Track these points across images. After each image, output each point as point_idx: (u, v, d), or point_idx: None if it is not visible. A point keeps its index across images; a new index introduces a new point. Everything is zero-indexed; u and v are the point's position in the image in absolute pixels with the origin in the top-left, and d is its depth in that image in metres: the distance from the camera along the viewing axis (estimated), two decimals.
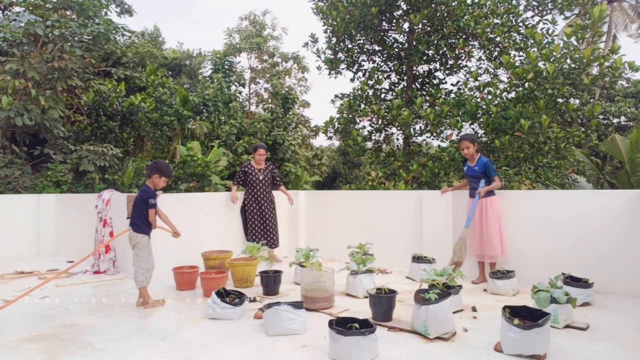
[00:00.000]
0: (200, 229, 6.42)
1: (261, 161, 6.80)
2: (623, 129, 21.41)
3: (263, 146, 6.85)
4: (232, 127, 17.09)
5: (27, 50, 9.82)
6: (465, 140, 5.54)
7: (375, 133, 11.32)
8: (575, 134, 8.89)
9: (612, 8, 24.06)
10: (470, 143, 5.50)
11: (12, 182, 9.48)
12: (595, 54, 7.45)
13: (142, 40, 20.76)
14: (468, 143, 5.50)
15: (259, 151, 6.78)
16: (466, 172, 5.68)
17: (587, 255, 5.02)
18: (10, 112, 8.87)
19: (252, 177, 6.71)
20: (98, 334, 3.73)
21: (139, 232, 4.53)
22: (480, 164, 5.48)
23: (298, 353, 3.26)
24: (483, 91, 9.48)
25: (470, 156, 5.55)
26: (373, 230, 6.73)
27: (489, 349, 3.28)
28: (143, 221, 4.53)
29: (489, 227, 5.30)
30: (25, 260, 7.52)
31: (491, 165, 5.44)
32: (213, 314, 4.08)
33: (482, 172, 5.44)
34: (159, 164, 4.65)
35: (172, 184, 12.59)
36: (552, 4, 10.14)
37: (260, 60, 22.66)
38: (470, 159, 5.57)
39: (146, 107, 12.94)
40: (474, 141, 5.53)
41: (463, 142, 5.54)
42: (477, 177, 5.47)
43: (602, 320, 3.96)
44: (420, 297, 3.55)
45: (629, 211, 4.87)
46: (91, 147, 10.36)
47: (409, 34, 11.01)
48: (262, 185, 6.73)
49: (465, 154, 5.56)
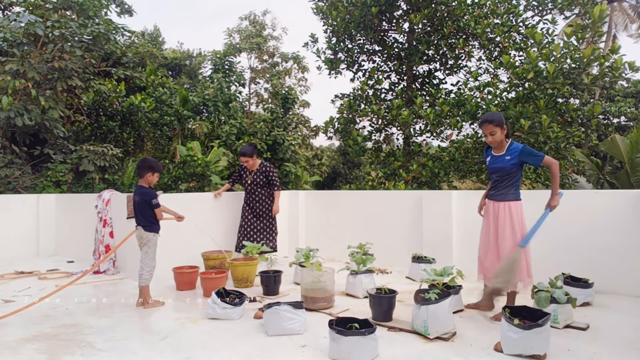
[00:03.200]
0: (199, 230, 6.41)
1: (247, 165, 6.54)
2: (623, 129, 21.40)
3: (243, 152, 6.41)
4: (232, 127, 17.09)
5: (27, 50, 9.82)
6: (488, 124, 3.98)
7: (375, 133, 11.33)
8: (575, 134, 8.89)
9: (612, 8, 24.06)
10: (495, 127, 3.97)
11: (12, 182, 9.48)
12: (595, 54, 7.45)
13: (142, 40, 20.76)
14: (493, 127, 3.98)
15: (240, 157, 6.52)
16: (490, 165, 4.14)
17: (587, 255, 5.02)
18: (10, 112, 8.88)
19: (244, 179, 6.68)
20: (98, 334, 3.73)
21: (150, 230, 4.55)
22: (513, 152, 3.96)
23: (298, 353, 3.26)
24: (483, 91, 9.49)
25: (498, 143, 4.06)
26: (373, 230, 6.73)
27: (489, 349, 3.28)
28: (151, 220, 4.55)
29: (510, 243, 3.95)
30: (25, 260, 7.52)
31: (531, 149, 3.97)
32: (213, 314, 4.08)
33: (517, 164, 3.95)
34: (149, 161, 4.63)
35: (172, 184, 12.60)
36: (552, 4, 10.14)
37: (260, 60, 22.66)
38: (498, 147, 4.09)
39: (146, 107, 12.95)
40: (501, 123, 3.98)
41: (486, 126, 4.00)
42: (507, 171, 3.99)
43: (602, 320, 3.96)
44: (420, 297, 3.55)
45: (629, 211, 4.87)
46: (91, 147, 10.37)
47: (409, 34, 11.01)
48: (249, 188, 6.55)
49: (490, 142, 4.07)
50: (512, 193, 4.02)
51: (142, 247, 4.60)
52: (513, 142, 4.05)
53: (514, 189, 4.03)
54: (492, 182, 4.16)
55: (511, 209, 3.98)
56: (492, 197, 4.14)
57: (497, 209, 4.04)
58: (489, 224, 4.13)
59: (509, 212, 3.98)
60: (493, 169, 4.09)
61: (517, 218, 3.97)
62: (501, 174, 4.02)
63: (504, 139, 4.04)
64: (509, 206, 3.99)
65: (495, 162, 4.08)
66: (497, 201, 4.06)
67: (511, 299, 4.03)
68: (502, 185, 4.04)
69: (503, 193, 4.03)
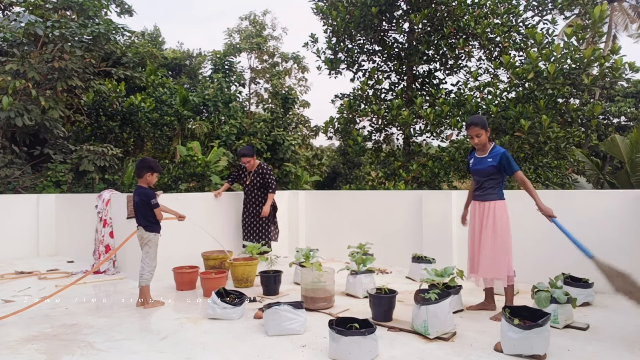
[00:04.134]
0: (200, 229, 6.41)
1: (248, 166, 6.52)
2: (623, 129, 21.39)
3: (244, 153, 6.41)
4: (232, 127, 17.08)
5: (27, 50, 9.83)
6: (474, 126, 4.12)
7: (375, 133, 11.33)
8: (575, 134, 8.89)
9: (612, 8, 24.05)
10: (481, 129, 4.10)
11: (12, 182, 9.48)
12: (595, 54, 7.45)
13: (142, 40, 20.76)
14: (479, 129, 4.10)
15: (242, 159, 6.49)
16: (473, 166, 4.26)
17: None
18: (10, 113, 8.88)
19: (242, 180, 6.68)
20: (98, 334, 3.73)
21: (151, 230, 4.56)
22: (495, 155, 4.10)
23: (298, 353, 3.26)
24: (483, 91, 9.49)
25: (482, 146, 4.18)
26: (373, 230, 6.73)
27: (489, 349, 3.28)
28: (151, 220, 4.56)
29: (502, 241, 4.03)
30: (25, 260, 7.52)
31: (510, 157, 4.10)
32: (213, 314, 4.08)
33: (496, 167, 4.08)
34: (148, 161, 4.63)
35: (172, 184, 12.60)
36: (552, 4, 10.14)
37: (260, 60, 22.65)
38: (481, 149, 4.21)
39: (146, 107, 12.95)
40: (485, 126, 4.11)
41: (472, 129, 4.12)
42: (489, 173, 4.12)
43: (602, 320, 3.96)
44: (420, 297, 3.55)
45: (629, 211, 4.87)
46: (91, 147, 10.37)
47: (409, 34, 11.01)
48: (247, 189, 6.58)
49: (476, 144, 4.19)
50: (496, 193, 4.14)
51: (143, 247, 4.60)
52: (496, 145, 4.19)
53: (497, 189, 4.15)
54: (476, 183, 4.28)
55: (495, 208, 4.09)
56: (476, 197, 4.26)
57: (482, 209, 4.16)
58: (474, 223, 4.24)
59: (492, 212, 4.09)
60: (475, 171, 4.22)
61: (500, 217, 4.07)
62: (483, 174, 4.16)
63: (487, 141, 4.18)
64: (493, 206, 4.10)
65: (478, 163, 4.21)
66: (482, 201, 4.18)
67: (509, 298, 4.11)
68: (485, 186, 4.17)
69: (487, 193, 4.16)
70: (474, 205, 4.28)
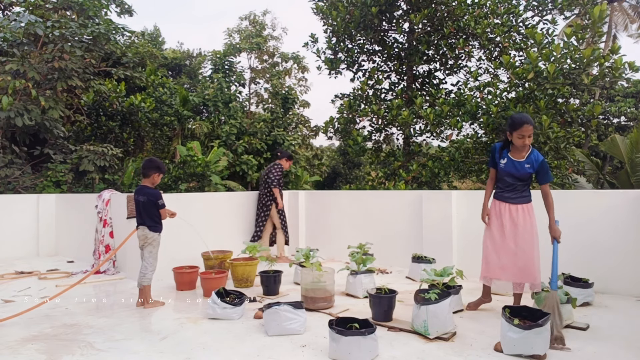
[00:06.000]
0: (200, 229, 6.42)
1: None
2: (623, 129, 21.39)
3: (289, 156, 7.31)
4: (232, 127, 17.09)
5: (27, 50, 9.83)
6: (529, 125, 3.80)
7: (375, 133, 11.33)
8: (575, 134, 8.89)
9: (612, 8, 24.05)
10: (533, 129, 3.87)
11: (12, 182, 9.49)
12: (595, 54, 7.45)
13: (142, 40, 20.75)
14: (532, 129, 3.85)
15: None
16: (505, 168, 4.00)
17: (587, 255, 5.02)
18: (10, 112, 8.88)
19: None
20: (98, 334, 3.73)
21: (155, 230, 4.57)
22: (534, 162, 3.90)
23: (298, 353, 3.26)
24: (483, 91, 9.49)
25: (524, 147, 3.94)
26: (373, 230, 6.73)
27: (489, 349, 3.28)
28: (156, 221, 4.57)
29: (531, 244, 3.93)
30: (25, 260, 7.52)
31: (548, 168, 3.95)
32: (213, 314, 4.08)
33: (533, 173, 3.93)
34: (156, 162, 4.64)
35: (172, 184, 12.60)
36: (552, 4, 10.14)
37: (260, 60, 22.64)
38: (519, 150, 3.96)
39: (146, 107, 12.95)
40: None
41: (527, 128, 3.80)
42: (526, 178, 3.95)
43: (602, 320, 3.96)
44: (420, 297, 3.55)
45: (629, 211, 4.87)
46: (91, 147, 10.37)
47: (409, 34, 11.01)
48: (259, 187, 7.15)
49: (526, 145, 3.90)
50: (529, 195, 4.04)
51: (145, 247, 4.59)
52: (534, 150, 3.97)
53: (528, 192, 4.05)
54: (504, 184, 4.06)
55: (530, 211, 3.99)
56: (507, 199, 4.04)
57: (516, 212, 3.98)
58: (503, 225, 4.02)
59: (529, 215, 3.97)
60: (509, 173, 3.99)
61: (534, 221, 4.00)
62: (518, 178, 3.97)
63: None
64: (528, 208, 3.99)
65: (513, 166, 3.97)
66: (515, 204, 4.00)
67: (516, 301, 4.03)
68: (519, 189, 4.01)
69: (521, 196, 4.01)
70: (501, 206, 4.06)
